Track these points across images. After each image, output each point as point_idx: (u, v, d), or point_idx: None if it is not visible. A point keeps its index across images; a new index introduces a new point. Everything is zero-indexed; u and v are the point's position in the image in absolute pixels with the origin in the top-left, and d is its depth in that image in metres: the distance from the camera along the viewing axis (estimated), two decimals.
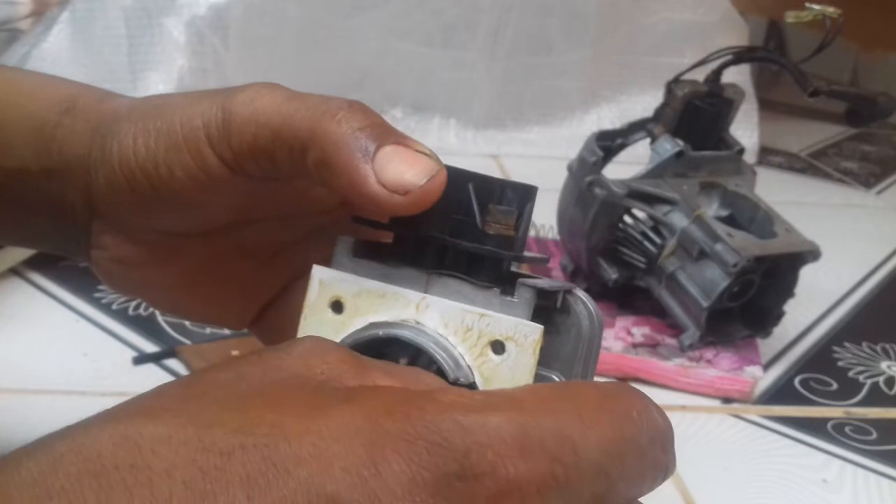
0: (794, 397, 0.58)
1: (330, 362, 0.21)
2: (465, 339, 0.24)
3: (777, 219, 0.60)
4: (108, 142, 0.30)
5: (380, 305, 0.25)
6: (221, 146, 0.28)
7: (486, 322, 0.24)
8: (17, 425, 0.47)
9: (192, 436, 0.18)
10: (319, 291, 0.25)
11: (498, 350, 0.24)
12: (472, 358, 0.24)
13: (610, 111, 1.08)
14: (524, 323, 0.24)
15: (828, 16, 0.59)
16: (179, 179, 0.29)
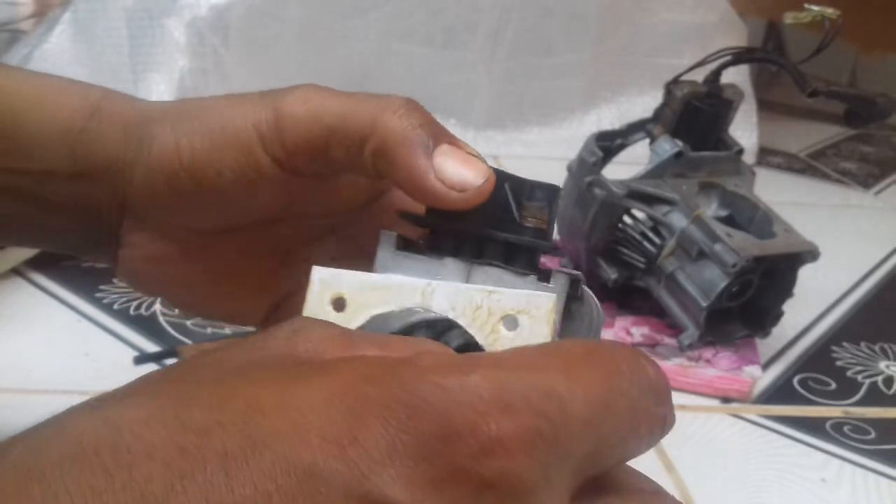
0: (792, 397, 0.58)
1: (314, 339, 0.21)
2: (476, 318, 0.24)
3: (776, 219, 0.60)
4: (144, 144, 0.31)
5: (384, 298, 0.25)
6: (274, 145, 0.29)
7: (495, 298, 0.24)
8: (18, 425, 0.47)
9: (171, 416, 0.18)
10: (320, 290, 0.25)
11: (510, 325, 0.24)
12: (483, 336, 0.24)
13: (609, 112, 1.08)
14: (535, 294, 0.24)
15: (826, 17, 0.59)
16: (227, 179, 0.30)
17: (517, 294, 0.24)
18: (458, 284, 0.25)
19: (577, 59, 1.05)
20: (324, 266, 0.25)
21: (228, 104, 0.31)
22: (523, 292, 0.24)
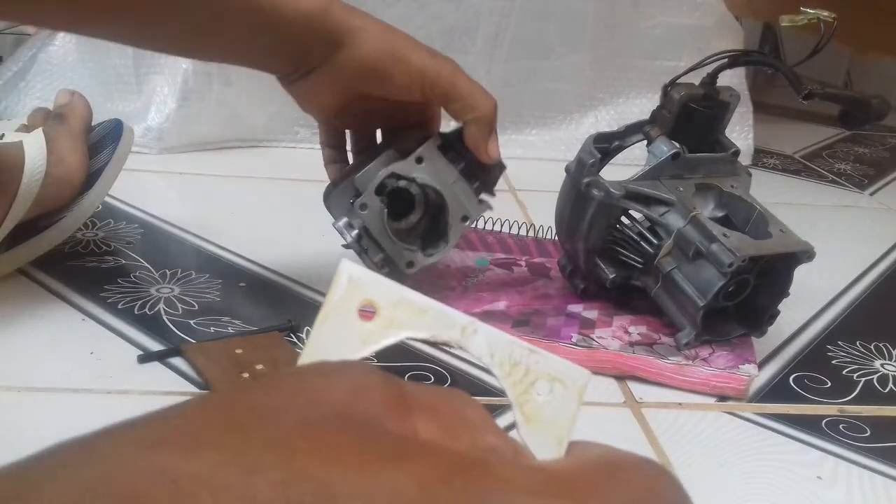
0: (788, 395, 0.59)
1: (374, 402, 0.20)
2: (511, 373, 0.24)
3: (772, 219, 0.60)
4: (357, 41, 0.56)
5: (420, 321, 0.23)
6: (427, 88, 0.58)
7: (534, 359, 0.24)
8: (24, 423, 0.48)
9: (235, 481, 0.17)
10: (347, 291, 0.22)
11: (543, 390, 0.24)
12: (515, 394, 0.24)
13: (607, 114, 1.09)
14: (572, 366, 0.24)
15: (822, 20, 0.60)
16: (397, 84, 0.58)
17: (556, 361, 0.24)
18: (501, 333, 0.24)
19: (575, 62, 1.06)
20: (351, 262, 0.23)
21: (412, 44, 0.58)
22: (562, 361, 0.24)
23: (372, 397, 0.20)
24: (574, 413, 0.23)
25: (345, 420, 0.19)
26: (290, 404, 0.19)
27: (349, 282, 0.22)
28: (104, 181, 0.67)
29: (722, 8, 1.07)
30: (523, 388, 0.23)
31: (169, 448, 0.17)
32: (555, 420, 0.23)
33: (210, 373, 0.52)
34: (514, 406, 0.23)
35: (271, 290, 0.66)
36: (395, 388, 0.21)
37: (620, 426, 0.53)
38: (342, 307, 0.22)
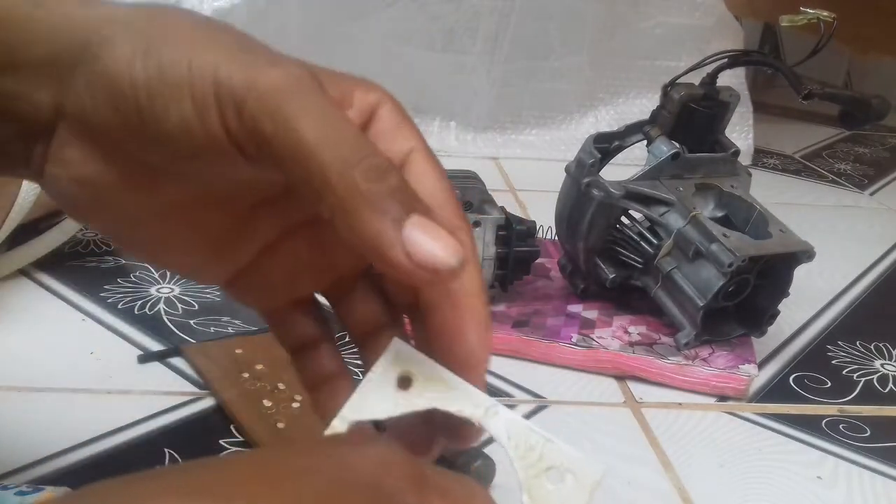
0: (788, 395, 0.59)
1: (396, 476, 0.21)
2: (525, 457, 0.25)
3: (772, 219, 0.60)
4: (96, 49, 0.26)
5: (448, 397, 0.25)
6: (232, 119, 0.24)
7: (550, 447, 0.25)
8: (25, 422, 0.48)
9: None
10: (392, 363, 0.25)
11: (554, 479, 0.24)
12: (526, 477, 0.25)
13: (607, 114, 1.09)
14: (588, 460, 0.25)
15: (822, 20, 0.60)
16: (173, 123, 0.25)
17: (572, 453, 0.25)
18: (521, 419, 0.25)
19: (575, 62, 1.06)
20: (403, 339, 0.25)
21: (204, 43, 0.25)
22: (578, 455, 0.25)
23: (397, 472, 0.21)
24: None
25: (372, 489, 0.20)
26: (322, 467, 0.20)
27: (395, 354, 0.25)
28: None
29: (722, 8, 1.07)
30: (535, 473, 0.24)
31: (206, 498, 0.18)
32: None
33: (210, 373, 0.52)
34: (522, 488, 0.24)
35: None
36: (416, 466, 0.22)
37: (620, 426, 0.53)
38: (385, 375, 0.25)
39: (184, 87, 0.24)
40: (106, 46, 0.25)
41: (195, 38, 0.25)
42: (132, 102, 0.25)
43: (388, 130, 0.27)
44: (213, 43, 0.25)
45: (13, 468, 0.43)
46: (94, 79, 0.26)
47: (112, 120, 0.26)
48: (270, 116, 0.24)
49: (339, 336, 0.32)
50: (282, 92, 0.24)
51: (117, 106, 0.25)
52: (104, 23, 0.26)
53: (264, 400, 0.49)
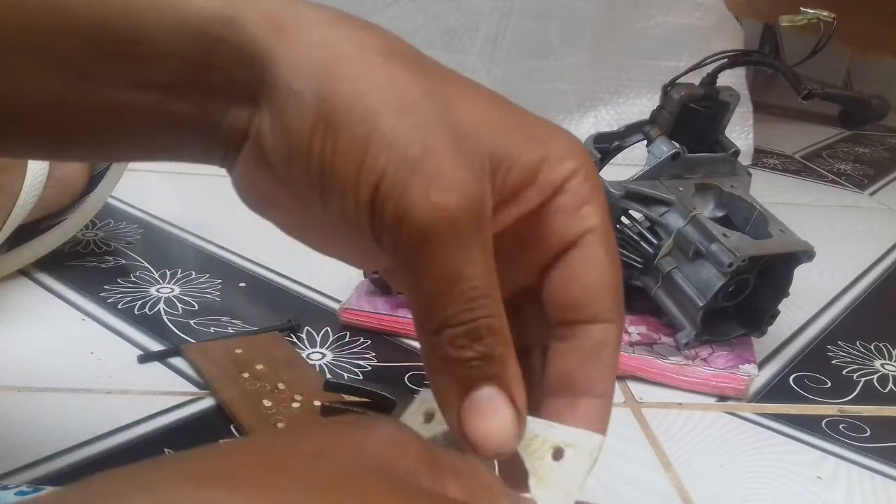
0: (788, 395, 0.59)
1: (409, 457, 0.21)
2: (529, 444, 0.25)
3: (772, 219, 0.60)
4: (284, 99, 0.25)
5: None
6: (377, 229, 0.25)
7: (551, 431, 0.26)
8: (25, 422, 0.48)
9: None
10: (419, 404, 0.27)
11: (557, 455, 0.25)
12: (530, 461, 0.25)
13: (607, 113, 1.09)
14: (586, 432, 0.26)
15: (822, 20, 0.60)
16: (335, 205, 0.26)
17: (570, 430, 0.25)
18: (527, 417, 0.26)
19: (575, 62, 1.06)
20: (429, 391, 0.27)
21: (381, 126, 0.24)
22: (577, 430, 0.26)
23: (408, 453, 0.21)
24: (585, 472, 0.25)
25: (384, 471, 0.20)
26: (331, 452, 0.20)
27: (422, 400, 0.27)
28: (106, 184, 0.67)
29: (722, 8, 1.07)
30: (539, 456, 0.25)
31: (217, 485, 0.18)
32: (564, 481, 0.25)
33: (210, 373, 0.52)
34: (528, 471, 0.25)
35: (271, 290, 0.66)
36: (427, 447, 0.22)
37: (620, 426, 0.53)
38: (415, 415, 0.27)
39: (350, 183, 0.24)
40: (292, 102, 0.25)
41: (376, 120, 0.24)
42: (304, 169, 0.25)
43: (569, 206, 0.27)
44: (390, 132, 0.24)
45: (13, 468, 0.43)
46: (277, 125, 0.26)
47: (285, 170, 0.26)
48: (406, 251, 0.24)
49: None
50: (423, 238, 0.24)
51: (292, 163, 0.26)
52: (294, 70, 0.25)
53: (264, 400, 0.49)
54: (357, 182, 0.24)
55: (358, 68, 0.25)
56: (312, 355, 0.57)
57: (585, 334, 0.27)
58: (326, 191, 0.25)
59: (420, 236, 0.24)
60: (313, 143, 0.25)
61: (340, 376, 0.54)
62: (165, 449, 0.46)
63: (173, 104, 0.27)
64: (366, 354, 0.57)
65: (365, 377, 0.55)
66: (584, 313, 0.27)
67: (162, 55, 0.26)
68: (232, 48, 0.26)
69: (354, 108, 0.24)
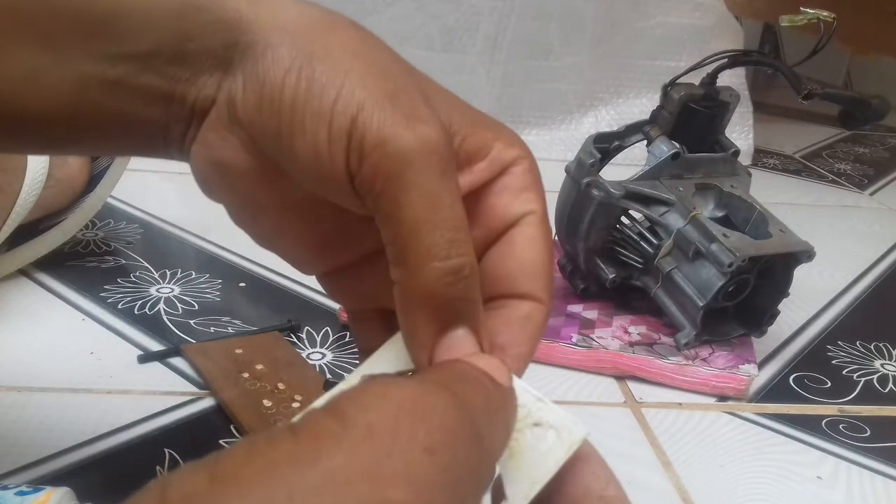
0: (788, 395, 0.59)
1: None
2: None
3: (771, 219, 0.60)
4: (260, 53, 0.27)
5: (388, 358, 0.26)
6: (354, 163, 0.25)
7: (539, 406, 0.24)
8: (25, 422, 0.48)
9: None
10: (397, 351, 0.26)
11: (538, 434, 0.24)
12: None
13: (607, 114, 1.09)
14: (575, 421, 0.24)
15: (822, 20, 0.60)
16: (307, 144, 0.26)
17: (559, 412, 0.24)
18: (517, 380, 0.25)
19: (575, 62, 1.06)
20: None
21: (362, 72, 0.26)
22: (566, 414, 0.24)
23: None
24: (558, 461, 0.23)
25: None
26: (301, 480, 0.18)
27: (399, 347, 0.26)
28: (106, 184, 0.67)
29: (722, 8, 1.07)
30: (519, 427, 0.24)
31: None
32: (536, 462, 0.23)
33: (210, 373, 0.52)
34: None
35: (271, 290, 0.66)
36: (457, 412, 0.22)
37: (620, 426, 0.53)
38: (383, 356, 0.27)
39: (324, 116, 0.25)
40: (269, 53, 0.27)
41: (353, 66, 0.26)
42: (275, 111, 0.26)
43: (512, 188, 0.28)
44: (368, 78, 0.25)
45: (13, 468, 0.43)
46: (250, 78, 0.27)
47: (254, 119, 0.27)
48: (385, 179, 0.24)
49: None
50: (405, 160, 0.24)
51: (262, 109, 0.27)
52: (272, 29, 0.27)
53: (264, 400, 0.49)
54: (332, 113, 0.25)
55: (335, 30, 0.27)
56: (312, 355, 0.57)
57: (515, 306, 0.27)
58: (297, 130, 0.26)
59: (403, 160, 0.24)
60: (286, 84, 0.26)
61: (340, 376, 0.54)
62: (165, 449, 0.46)
63: (141, 76, 0.28)
64: None
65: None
66: (516, 288, 0.27)
67: (138, 27, 0.27)
68: (213, 16, 0.27)
69: (330, 53, 0.26)
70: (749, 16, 1.20)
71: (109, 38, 0.27)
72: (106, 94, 0.28)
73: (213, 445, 0.46)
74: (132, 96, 0.28)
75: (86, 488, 0.40)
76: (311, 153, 0.26)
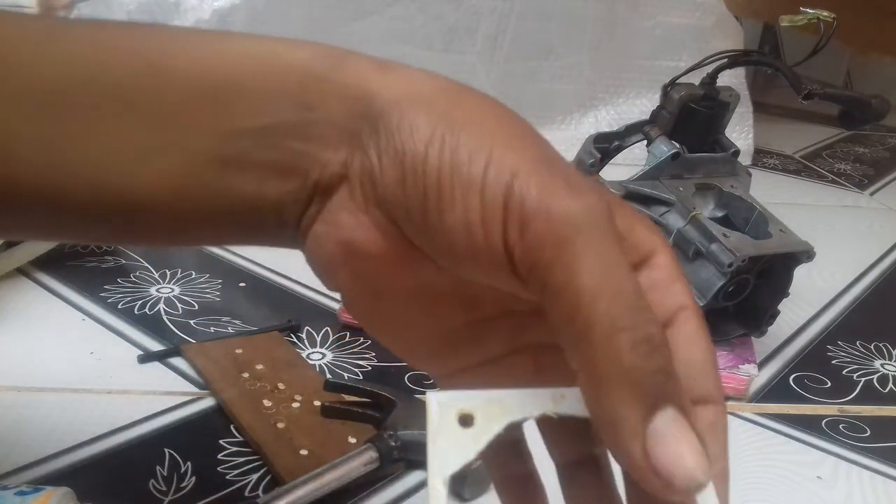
0: (788, 395, 0.59)
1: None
2: None
3: (771, 219, 0.60)
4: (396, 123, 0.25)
5: (514, 407, 0.24)
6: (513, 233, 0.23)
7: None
8: (25, 422, 0.48)
9: None
10: (440, 413, 0.24)
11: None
12: None
13: (607, 114, 1.09)
14: None
15: (822, 20, 0.60)
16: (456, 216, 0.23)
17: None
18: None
19: (575, 62, 1.06)
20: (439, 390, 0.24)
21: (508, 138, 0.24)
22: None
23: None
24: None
25: None
26: None
27: (438, 406, 0.24)
28: None
29: (722, 8, 1.07)
30: None
31: None
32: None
33: (210, 373, 0.52)
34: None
35: (271, 290, 0.66)
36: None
37: None
38: (443, 426, 0.24)
39: (476, 185, 0.23)
40: (405, 123, 0.24)
41: (497, 133, 0.24)
42: (420, 184, 0.24)
43: (661, 281, 0.25)
44: (515, 144, 0.24)
45: (13, 468, 0.43)
46: (387, 151, 0.25)
47: (397, 195, 0.25)
48: (555, 246, 0.22)
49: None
50: (574, 226, 0.22)
51: (405, 184, 0.24)
52: (405, 98, 0.25)
53: (264, 400, 0.49)
54: (483, 181, 0.23)
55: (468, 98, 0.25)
56: (312, 355, 0.57)
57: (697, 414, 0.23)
58: (445, 202, 0.23)
59: (571, 225, 0.22)
60: (429, 155, 0.24)
61: (340, 376, 0.54)
62: (165, 449, 0.46)
63: (257, 152, 0.26)
64: (366, 354, 0.57)
65: (365, 377, 0.55)
66: (692, 392, 0.24)
67: (255, 100, 0.25)
68: (336, 85, 0.25)
69: (472, 120, 0.24)
70: (749, 16, 1.20)
71: (223, 114, 0.25)
72: (217, 173, 0.25)
73: (213, 445, 0.46)
74: (246, 175, 0.26)
75: (86, 488, 0.40)
76: (463, 226, 0.23)
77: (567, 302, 0.21)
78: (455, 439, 0.24)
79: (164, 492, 0.42)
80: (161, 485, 0.43)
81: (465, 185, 0.23)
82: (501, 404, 0.24)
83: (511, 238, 0.22)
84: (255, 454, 0.46)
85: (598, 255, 0.22)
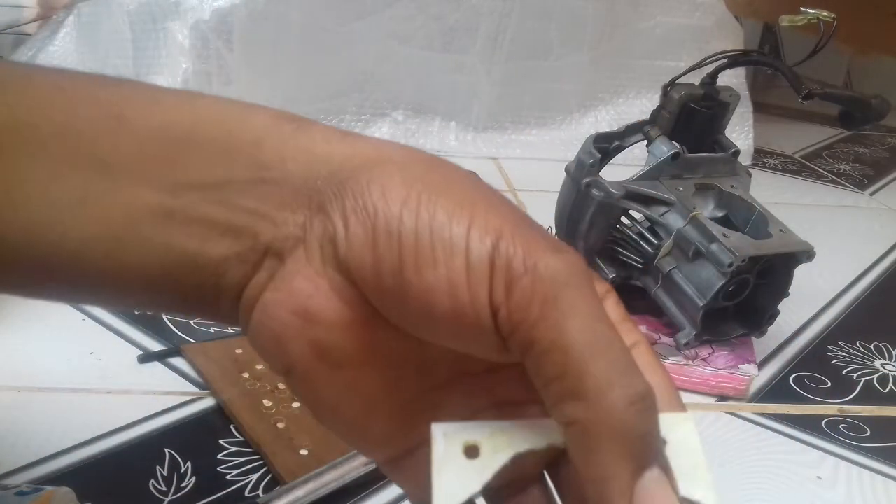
0: (788, 395, 0.59)
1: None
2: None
3: (771, 219, 0.60)
4: (365, 184, 0.24)
5: (520, 438, 0.24)
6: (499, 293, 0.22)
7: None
8: (25, 422, 0.48)
9: None
10: (446, 444, 0.24)
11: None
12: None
13: (607, 114, 1.09)
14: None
15: (822, 20, 0.60)
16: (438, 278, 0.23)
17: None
18: None
19: (575, 62, 1.06)
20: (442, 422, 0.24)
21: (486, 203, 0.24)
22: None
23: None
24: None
25: None
26: None
27: (444, 436, 0.24)
28: None
29: (722, 8, 1.07)
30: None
31: None
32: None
33: (210, 373, 0.52)
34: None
35: None
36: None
37: None
38: (448, 456, 0.24)
39: (460, 246, 0.23)
40: (376, 184, 0.24)
41: (476, 196, 0.24)
42: (395, 245, 0.23)
43: (614, 321, 0.25)
44: (495, 209, 0.24)
45: (13, 468, 0.43)
46: (356, 212, 0.24)
47: (362, 257, 0.24)
48: (542, 304, 0.22)
49: None
50: (559, 283, 0.22)
51: (376, 244, 0.23)
52: (374, 161, 0.24)
53: (264, 400, 0.49)
54: (467, 241, 0.23)
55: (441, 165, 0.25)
56: None
57: None
58: (425, 262, 0.23)
59: (557, 282, 0.22)
60: (404, 215, 0.23)
61: None
62: (165, 449, 0.46)
63: (202, 206, 0.25)
64: None
65: None
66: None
67: (211, 155, 0.25)
68: (298, 146, 0.25)
69: (451, 185, 0.24)
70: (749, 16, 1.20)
71: (174, 167, 0.24)
72: (159, 226, 0.24)
73: (213, 445, 0.46)
74: (191, 229, 0.25)
75: (86, 488, 0.40)
76: (446, 287, 0.23)
77: (556, 359, 0.21)
78: (460, 470, 0.24)
79: (164, 492, 0.42)
80: (161, 485, 0.43)
81: (447, 246, 0.23)
82: (507, 435, 0.24)
83: (497, 298, 0.22)
84: (255, 454, 0.46)
85: (584, 311, 0.22)
